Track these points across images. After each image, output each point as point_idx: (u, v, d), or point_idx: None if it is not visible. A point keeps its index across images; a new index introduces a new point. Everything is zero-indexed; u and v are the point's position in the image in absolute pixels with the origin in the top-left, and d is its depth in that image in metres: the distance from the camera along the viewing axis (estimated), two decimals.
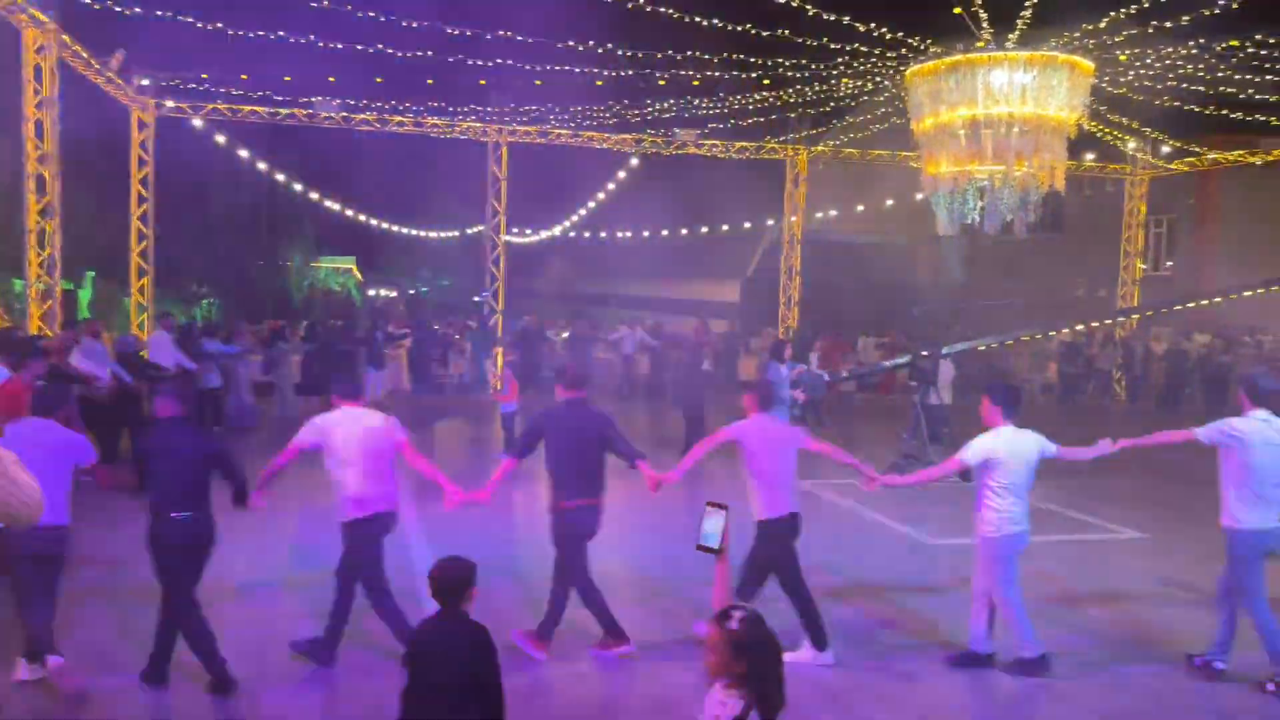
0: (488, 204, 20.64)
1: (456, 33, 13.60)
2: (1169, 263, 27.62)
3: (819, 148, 22.42)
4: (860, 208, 31.77)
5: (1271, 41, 13.15)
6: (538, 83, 16.52)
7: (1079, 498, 10.62)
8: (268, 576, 7.40)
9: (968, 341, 14.26)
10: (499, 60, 15.28)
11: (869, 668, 5.89)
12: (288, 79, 17.69)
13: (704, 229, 33.93)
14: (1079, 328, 19.72)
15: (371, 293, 48.34)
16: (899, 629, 6.64)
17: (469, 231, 35.47)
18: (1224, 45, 13.21)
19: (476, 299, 29.78)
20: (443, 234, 39.14)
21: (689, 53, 13.75)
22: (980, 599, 5.81)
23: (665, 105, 17.67)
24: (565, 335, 22.25)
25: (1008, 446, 5.70)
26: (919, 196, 13.64)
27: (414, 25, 13.47)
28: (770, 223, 30.97)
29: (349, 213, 26.63)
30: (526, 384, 19.31)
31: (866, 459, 6.53)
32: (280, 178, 22.95)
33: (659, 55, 13.88)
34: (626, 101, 17.41)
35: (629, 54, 13.96)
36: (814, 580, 6.09)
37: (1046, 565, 7.94)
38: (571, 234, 35.94)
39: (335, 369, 16.93)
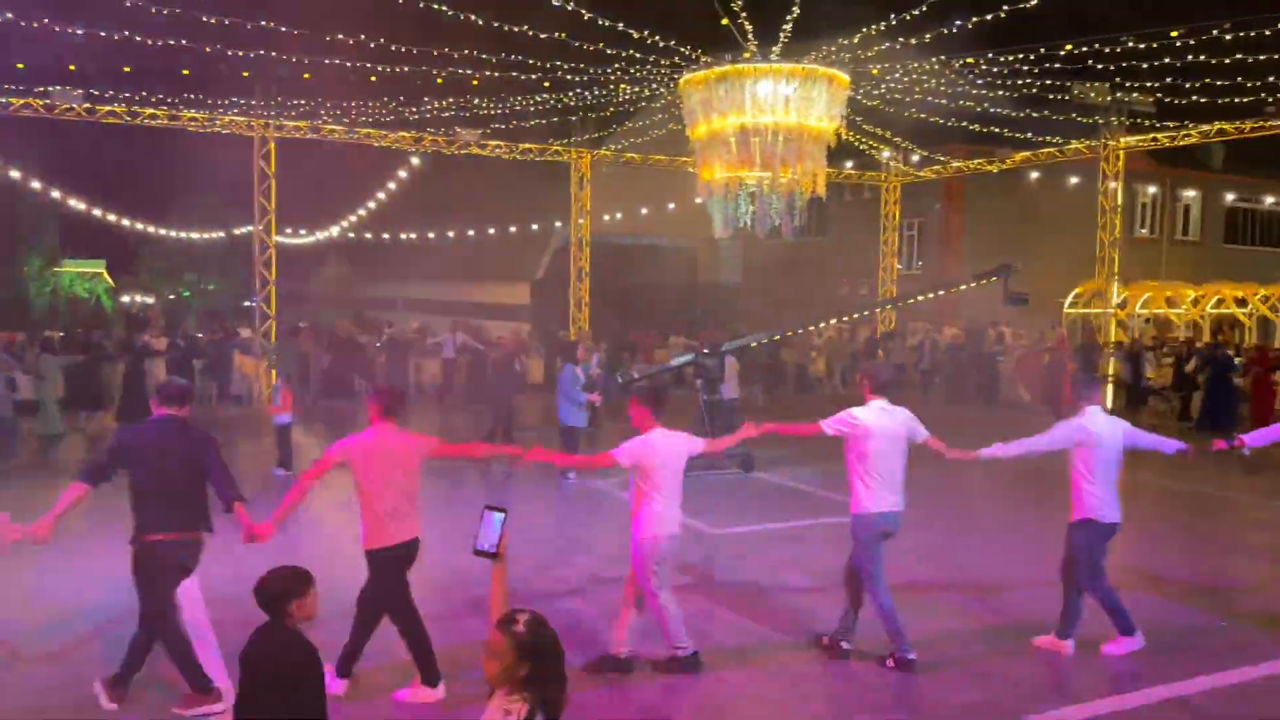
0: (256, 203, 19.50)
1: (213, 20, 12.74)
2: (920, 262, 30.03)
3: (602, 151, 22.74)
4: (644, 210, 32.59)
5: (1002, 59, 14.58)
6: (306, 76, 15.78)
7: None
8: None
9: (743, 339, 14.89)
10: (262, 51, 14.46)
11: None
12: (20, 66, 15.98)
13: (491, 230, 33.71)
14: (832, 321, 20.84)
15: (125, 299, 44.52)
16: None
17: (236, 232, 33.44)
18: (962, 62, 14.52)
19: (247, 304, 28.11)
20: (206, 235, 36.68)
21: (467, 51, 13.56)
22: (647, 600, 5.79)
23: (445, 104, 17.33)
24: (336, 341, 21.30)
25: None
26: (698, 200, 14.08)
27: (165, 11, 12.51)
28: (558, 225, 31.18)
29: (96, 213, 24.45)
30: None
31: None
32: (15, 175, 20.71)
33: (435, 53, 13.59)
34: (403, 98, 16.95)
35: (403, 50, 13.58)
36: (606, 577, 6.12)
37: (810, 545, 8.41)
38: (351, 235, 34.72)
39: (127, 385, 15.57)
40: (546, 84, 15.47)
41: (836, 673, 5.84)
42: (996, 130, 20.98)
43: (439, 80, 15.58)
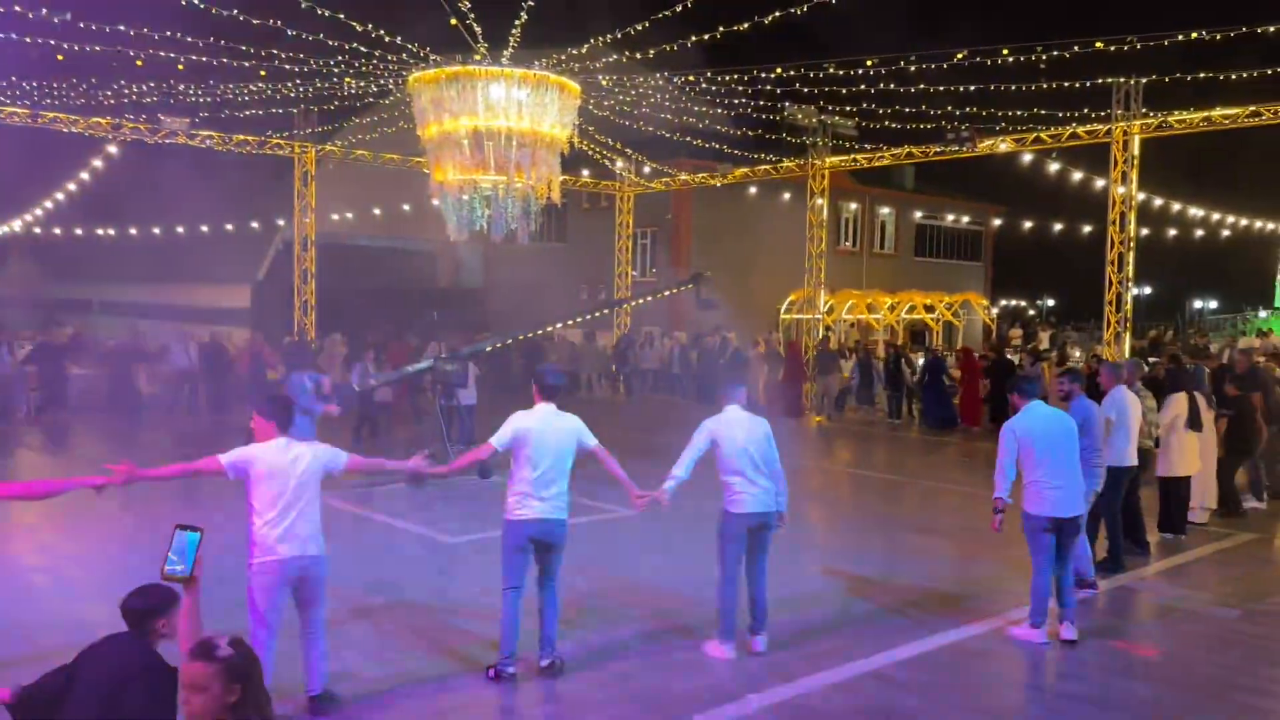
0: None
1: None
2: (654, 269, 31.17)
3: (328, 146, 21.71)
4: (377, 211, 31.48)
5: (720, 79, 15.44)
6: None
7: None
8: None
9: (478, 344, 14.76)
10: None
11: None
12: None
13: (204, 228, 31.27)
14: (556, 326, 21.10)
15: None
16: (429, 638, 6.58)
17: None
18: (684, 79, 15.21)
19: None
20: None
21: (170, 33, 12.44)
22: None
23: (146, 88, 15.82)
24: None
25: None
26: (435, 202, 13.78)
27: None
28: (281, 223, 29.41)
29: None
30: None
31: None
32: None
33: (132, 33, 12.36)
34: (95, 80, 15.29)
35: (94, 28, 12.23)
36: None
37: None
38: (37, 230, 30.93)
39: None
40: (263, 73, 14.53)
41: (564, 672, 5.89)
42: (718, 146, 22.21)
43: (139, 63, 14.19)
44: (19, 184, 29.53)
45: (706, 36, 12.22)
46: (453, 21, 10.88)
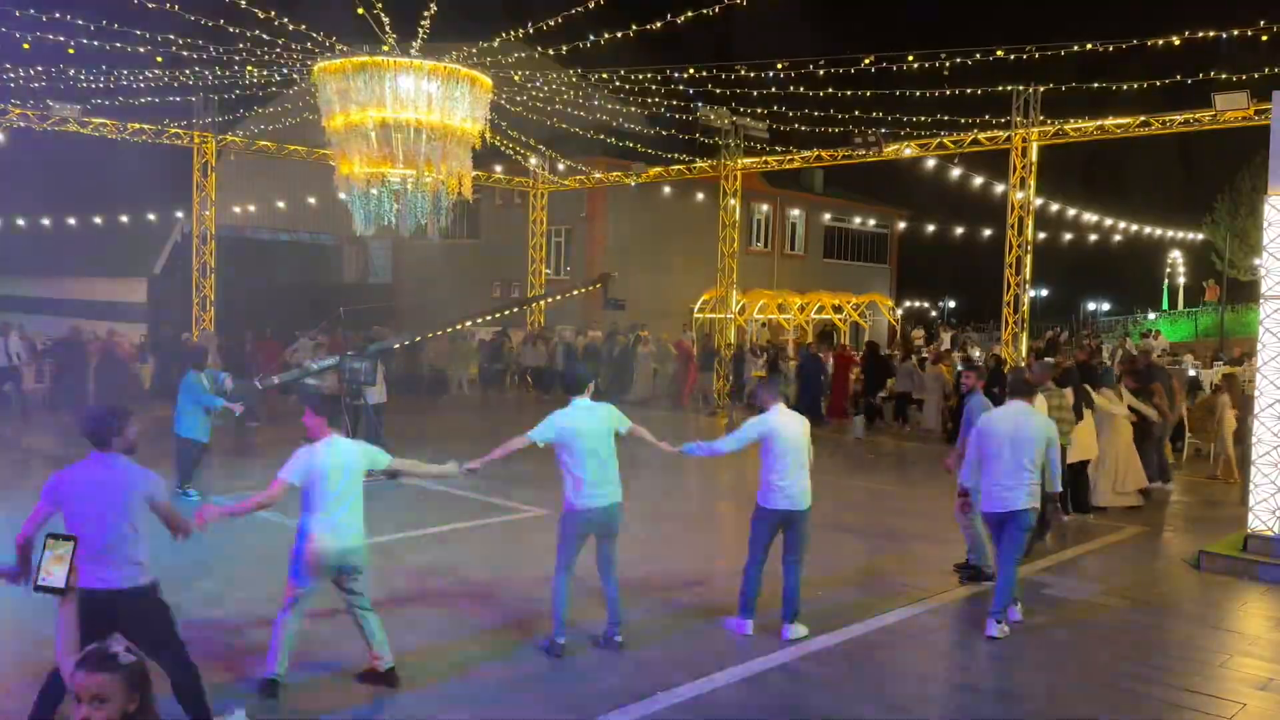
0: None
1: None
2: (568, 267, 31.07)
3: (230, 136, 21.01)
4: (281, 204, 30.62)
5: (633, 77, 15.46)
6: None
7: (494, 482, 11.31)
8: None
9: (388, 340, 14.44)
10: None
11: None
12: None
13: (97, 219, 29.94)
14: (468, 323, 20.92)
15: None
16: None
17: None
18: (597, 76, 15.17)
19: None
20: None
21: (58, 15, 11.85)
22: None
23: (34, 72, 15.06)
24: None
25: None
26: (342, 196, 13.43)
27: None
28: (179, 215, 28.33)
29: None
30: None
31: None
32: None
33: (17, 14, 11.74)
34: None
35: None
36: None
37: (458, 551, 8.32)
38: None
39: None
40: (159, 58, 13.96)
41: (466, 673, 5.79)
42: (633, 145, 22.25)
43: (25, 46, 13.48)
44: None
45: (620, 34, 12.22)
46: (359, 10, 10.63)
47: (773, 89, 15.20)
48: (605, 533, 6.20)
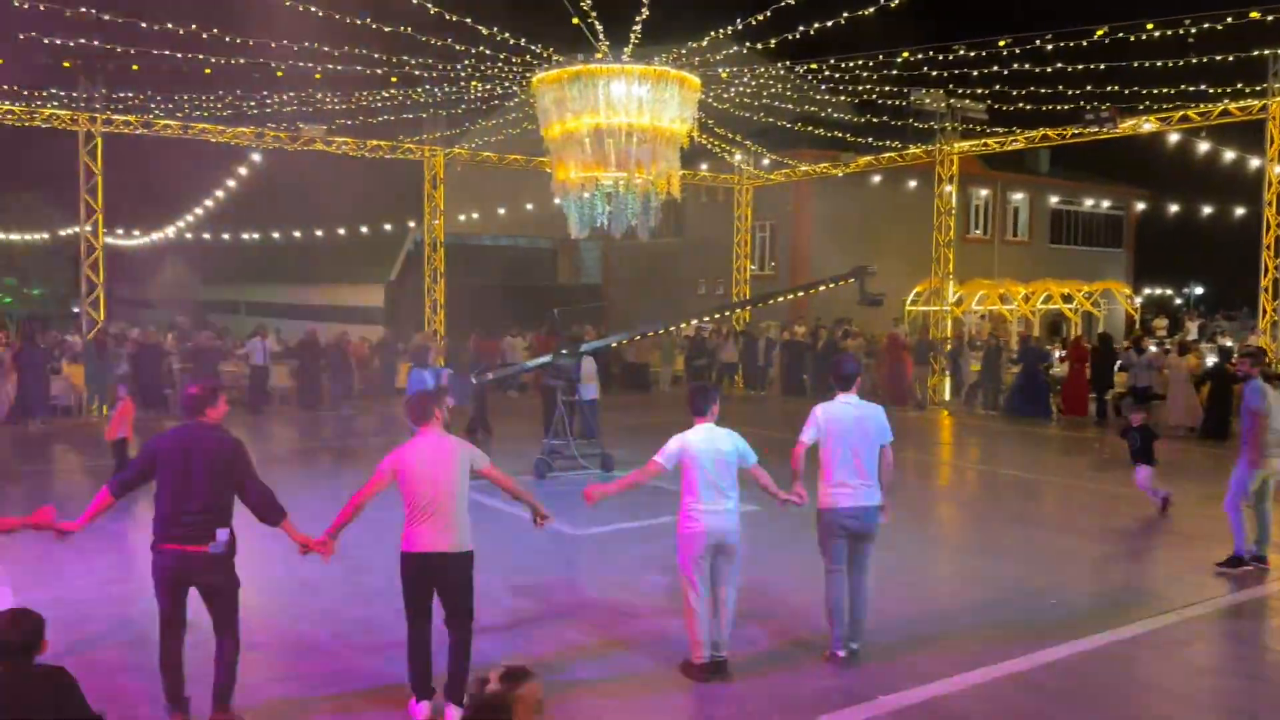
0: (81, 201, 18.20)
1: (26, 5, 11.78)
2: (773, 263, 30.83)
3: (456, 149, 22.32)
4: (501, 210, 32.22)
5: (844, 66, 15.11)
6: (135, 67, 14.82)
7: None
8: None
9: (603, 339, 14.90)
10: (83, 40, 13.49)
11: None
12: None
13: (341, 230, 32.63)
14: (692, 323, 21.23)
15: None
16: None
17: (62, 233, 31.14)
18: (805, 67, 14.94)
19: (76, 310, 26.26)
20: (28, 236, 34.02)
21: (307, 44, 13.01)
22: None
23: (286, 98, 16.61)
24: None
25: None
26: (556, 201, 13.98)
27: None
28: (412, 224, 30.43)
29: None
30: (146, 404, 17.31)
31: (517, 455, 6.36)
32: None
33: (273, 44, 12.98)
34: (240, 91, 16.14)
35: (239, 41, 12.91)
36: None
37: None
38: (189, 235, 32.91)
39: None
40: (394, 79, 15.04)
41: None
42: (840, 135, 21.78)
43: (279, 74, 14.91)
44: (171, 193, 31.50)
45: (830, 23, 11.99)
46: (574, 20, 10.99)
47: (994, 67, 14.41)
48: (862, 534, 6.02)
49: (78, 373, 18.24)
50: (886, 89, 17.06)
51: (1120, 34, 13.46)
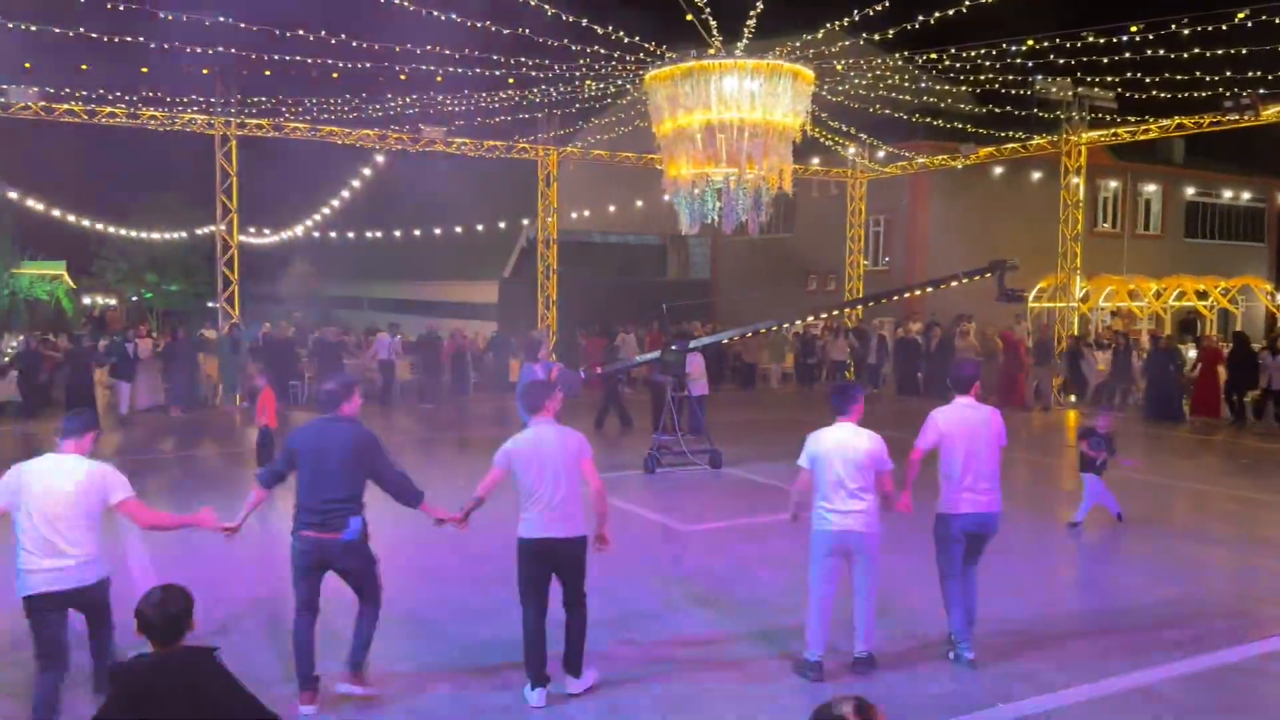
0: (218, 202, 19.23)
1: (170, 17, 12.52)
2: (887, 258, 30.17)
3: (569, 148, 22.65)
4: (612, 208, 32.53)
5: (965, 55, 14.68)
6: (267, 73, 15.57)
7: None
8: None
9: (714, 335, 14.90)
10: (221, 48, 14.24)
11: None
12: None
13: (458, 229, 33.48)
14: (810, 320, 21.10)
15: (88, 301, 43.80)
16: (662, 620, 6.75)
17: (199, 232, 32.95)
18: (924, 58, 14.59)
19: (211, 305, 27.75)
20: (168, 235, 36.12)
21: (429, 47, 13.42)
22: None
23: (409, 100, 17.17)
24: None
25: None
26: (666, 197, 14.05)
27: (120, 8, 12.28)
28: (525, 222, 31.02)
29: (55, 213, 24.02)
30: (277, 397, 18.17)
31: (628, 449, 6.50)
32: None
33: (398, 49, 13.45)
34: (365, 95, 16.78)
35: (365, 46, 13.42)
36: None
37: None
38: (316, 234, 34.32)
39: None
40: (511, 80, 15.36)
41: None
42: (959, 126, 21.16)
43: (403, 77, 15.43)
44: (300, 193, 32.90)
45: (951, 11, 11.67)
46: (688, 17, 11.02)
47: (1125, 54, 13.76)
48: (981, 538, 5.93)
49: (212, 364, 19.29)
50: (1010, 78, 16.49)
51: (1263, 16, 12.68)
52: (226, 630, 6.31)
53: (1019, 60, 14.81)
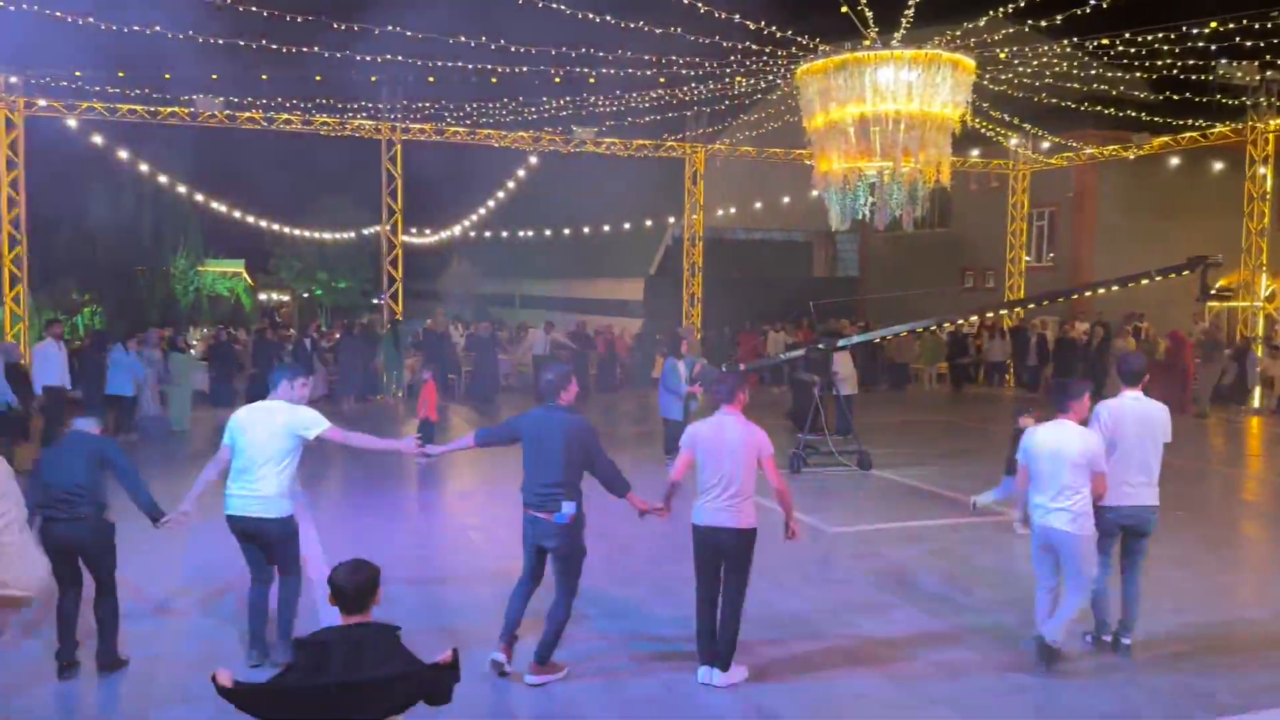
0: (383, 204, 20.22)
1: (343, 27, 13.25)
2: (1051, 254, 28.78)
3: (716, 145, 22.64)
4: (758, 204, 32.31)
5: (1140, 39, 13.84)
6: (430, 79, 16.26)
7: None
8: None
9: (865, 334, 14.59)
10: (388, 56, 14.96)
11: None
12: (167, 76, 17.02)
13: (605, 227, 34.00)
14: (973, 319, 20.43)
15: (263, 297, 46.94)
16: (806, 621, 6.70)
17: (365, 232, 34.74)
18: (1096, 43, 13.82)
19: (376, 301, 29.20)
20: (337, 235, 38.27)
21: (583, 50, 13.71)
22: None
23: (562, 102, 17.58)
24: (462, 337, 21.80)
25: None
26: (814, 193, 13.86)
27: (298, 19, 13.09)
28: (671, 220, 31.21)
29: (237, 214, 25.81)
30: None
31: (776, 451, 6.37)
32: (163, 179, 22.07)
33: (553, 51, 13.79)
34: (521, 98, 17.29)
35: (522, 50, 13.82)
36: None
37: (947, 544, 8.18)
38: (472, 234, 35.58)
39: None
40: (661, 79, 15.49)
41: (956, 674, 5.67)
42: (1133, 114, 19.96)
43: (557, 79, 15.81)
44: (458, 194, 34.19)
45: None
46: (843, 9, 10.83)
47: None
48: (1137, 531, 5.92)
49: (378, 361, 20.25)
50: (1190, 62, 15.43)
51: None
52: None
53: (1200, 44, 13.84)
